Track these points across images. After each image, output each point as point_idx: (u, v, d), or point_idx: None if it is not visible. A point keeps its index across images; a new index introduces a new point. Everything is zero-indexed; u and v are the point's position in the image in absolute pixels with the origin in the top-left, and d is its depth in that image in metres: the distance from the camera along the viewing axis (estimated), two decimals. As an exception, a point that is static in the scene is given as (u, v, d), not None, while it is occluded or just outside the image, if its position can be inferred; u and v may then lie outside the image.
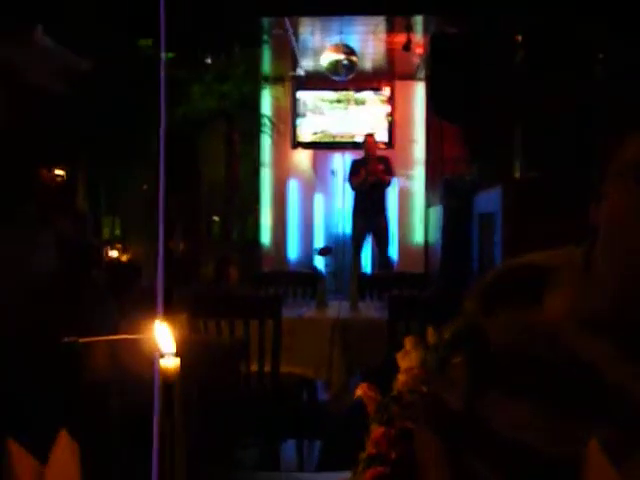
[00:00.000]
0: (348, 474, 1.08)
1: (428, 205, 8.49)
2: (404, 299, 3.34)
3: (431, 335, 0.88)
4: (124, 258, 5.18)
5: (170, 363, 0.72)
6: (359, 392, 0.88)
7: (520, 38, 4.49)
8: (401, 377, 0.87)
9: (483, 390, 1.03)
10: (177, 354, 0.79)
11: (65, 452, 0.91)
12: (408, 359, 0.86)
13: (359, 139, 8.35)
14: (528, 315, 1.02)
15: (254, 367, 2.99)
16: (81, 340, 1.41)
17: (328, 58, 7.49)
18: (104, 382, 1.37)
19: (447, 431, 0.99)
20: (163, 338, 0.78)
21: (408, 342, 0.89)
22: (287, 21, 6.88)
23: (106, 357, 1.37)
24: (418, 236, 8.82)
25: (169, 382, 0.70)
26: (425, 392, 0.87)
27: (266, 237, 8.80)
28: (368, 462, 0.85)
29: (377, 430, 0.85)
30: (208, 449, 1.50)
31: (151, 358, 0.85)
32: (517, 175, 4.58)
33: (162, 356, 0.77)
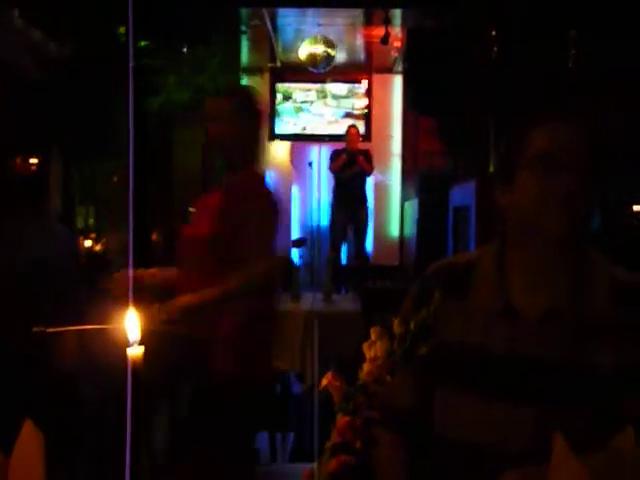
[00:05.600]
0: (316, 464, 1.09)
1: (404, 199, 8.50)
2: (377, 291, 3.35)
3: (397, 325, 0.88)
4: (97, 248, 5.13)
5: (135, 351, 0.72)
6: (324, 382, 0.88)
7: (494, 33, 4.52)
8: (366, 367, 0.88)
9: (432, 387, 1.07)
10: (144, 343, 0.79)
11: (30, 441, 0.90)
12: (374, 349, 0.86)
13: (336, 132, 8.34)
14: (459, 307, 1.10)
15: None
16: (49, 329, 1.39)
17: (306, 50, 7.46)
18: (72, 371, 1.36)
19: (400, 429, 1.01)
20: (131, 327, 0.77)
21: (374, 332, 0.89)
22: (265, 12, 6.83)
23: (74, 346, 1.35)
24: (394, 229, 8.84)
25: (134, 370, 0.70)
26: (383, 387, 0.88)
27: (242, 229, 8.74)
28: (333, 451, 0.85)
29: (342, 419, 0.85)
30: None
31: (118, 347, 0.84)
32: (491, 169, 4.61)
33: (129, 345, 0.76)
